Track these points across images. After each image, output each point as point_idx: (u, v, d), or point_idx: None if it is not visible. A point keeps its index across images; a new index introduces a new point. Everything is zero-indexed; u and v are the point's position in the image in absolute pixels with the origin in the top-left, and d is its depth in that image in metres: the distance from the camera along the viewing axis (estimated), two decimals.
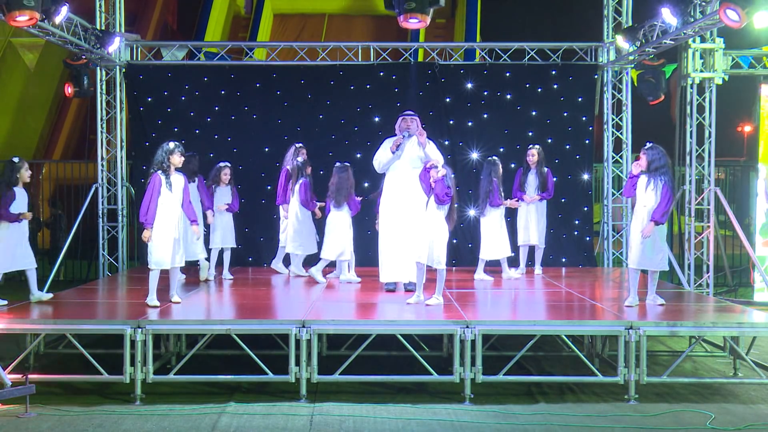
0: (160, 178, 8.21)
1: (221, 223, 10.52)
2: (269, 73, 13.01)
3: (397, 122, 9.47)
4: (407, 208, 9.13)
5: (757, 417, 6.95)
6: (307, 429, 6.53)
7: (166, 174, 8.24)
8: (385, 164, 9.36)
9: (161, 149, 8.32)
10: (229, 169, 10.64)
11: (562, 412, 7.02)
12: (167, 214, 8.22)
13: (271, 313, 8.17)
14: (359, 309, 8.69)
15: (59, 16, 10.00)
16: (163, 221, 8.20)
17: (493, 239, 10.56)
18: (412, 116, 9.40)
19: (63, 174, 17.89)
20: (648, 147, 8.27)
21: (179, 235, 8.33)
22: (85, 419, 6.76)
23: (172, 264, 8.33)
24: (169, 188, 8.23)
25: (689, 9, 9.86)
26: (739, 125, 28.07)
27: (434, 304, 8.40)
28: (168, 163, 8.26)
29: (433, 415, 6.89)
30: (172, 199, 8.26)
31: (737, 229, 12.04)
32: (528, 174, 11.13)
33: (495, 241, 10.56)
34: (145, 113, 12.91)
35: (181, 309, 8.37)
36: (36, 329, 7.63)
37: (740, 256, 14.69)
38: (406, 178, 9.23)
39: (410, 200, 9.12)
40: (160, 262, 8.25)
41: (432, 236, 8.38)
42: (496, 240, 10.57)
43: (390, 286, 9.45)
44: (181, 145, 8.43)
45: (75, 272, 14.66)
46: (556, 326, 7.65)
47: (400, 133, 9.33)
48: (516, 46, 13.08)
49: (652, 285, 8.37)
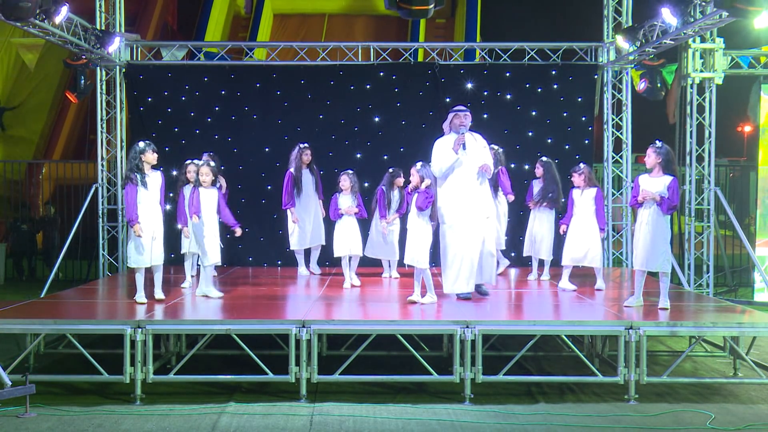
0: (136, 178, 8.38)
1: None
2: (269, 73, 13.01)
3: (447, 119, 8.97)
4: (480, 209, 8.76)
5: (757, 417, 6.94)
6: (307, 429, 6.53)
7: (141, 173, 8.40)
8: (448, 167, 8.72)
9: (132, 150, 8.51)
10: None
11: (562, 412, 7.02)
12: (143, 213, 8.40)
13: (271, 313, 8.16)
14: (359, 309, 8.69)
15: (59, 16, 10.01)
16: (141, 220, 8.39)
17: (570, 242, 9.85)
18: (465, 112, 8.88)
19: (63, 174, 17.92)
20: (659, 146, 8.29)
21: (157, 233, 8.52)
22: (85, 419, 6.76)
23: (150, 263, 8.49)
24: (144, 187, 8.40)
25: (689, 9, 9.86)
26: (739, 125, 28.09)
27: (428, 302, 8.48)
28: (141, 162, 8.41)
29: (433, 415, 6.89)
30: (148, 197, 8.43)
31: (737, 229, 12.04)
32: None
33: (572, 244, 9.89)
34: (145, 113, 12.91)
35: (181, 309, 8.38)
36: (36, 329, 7.62)
37: (740, 256, 14.70)
38: (471, 177, 8.75)
39: (481, 201, 8.78)
40: (137, 261, 8.44)
41: (414, 238, 8.49)
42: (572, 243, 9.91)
43: (466, 294, 8.82)
44: (152, 143, 8.57)
45: (75, 272, 14.65)
46: (556, 326, 7.65)
47: (451, 131, 8.85)
48: (516, 46, 13.08)
49: (665, 288, 8.29)
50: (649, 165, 8.27)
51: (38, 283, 13.67)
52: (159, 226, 8.57)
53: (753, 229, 14.00)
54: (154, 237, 8.49)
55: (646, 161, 8.29)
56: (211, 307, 8.70)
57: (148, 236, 8.43)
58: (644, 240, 8.23)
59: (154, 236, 8.49)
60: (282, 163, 11.46)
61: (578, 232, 9.69)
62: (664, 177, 8.21)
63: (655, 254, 8.17)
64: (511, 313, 8.70)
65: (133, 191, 8.36)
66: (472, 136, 8.86)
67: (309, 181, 10.89)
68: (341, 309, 8.60)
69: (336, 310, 8.46)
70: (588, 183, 9.72)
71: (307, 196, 10.89)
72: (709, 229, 12.66)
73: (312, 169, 10.97)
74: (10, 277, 16.38)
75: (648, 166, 8.28)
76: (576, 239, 9.70)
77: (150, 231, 8.44)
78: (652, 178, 8.24)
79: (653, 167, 8.23)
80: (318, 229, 11.06)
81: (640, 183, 8.31)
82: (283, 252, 12.00)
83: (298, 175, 10.76)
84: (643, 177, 8.32)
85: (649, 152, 8.28)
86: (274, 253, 12.47)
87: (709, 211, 12.66)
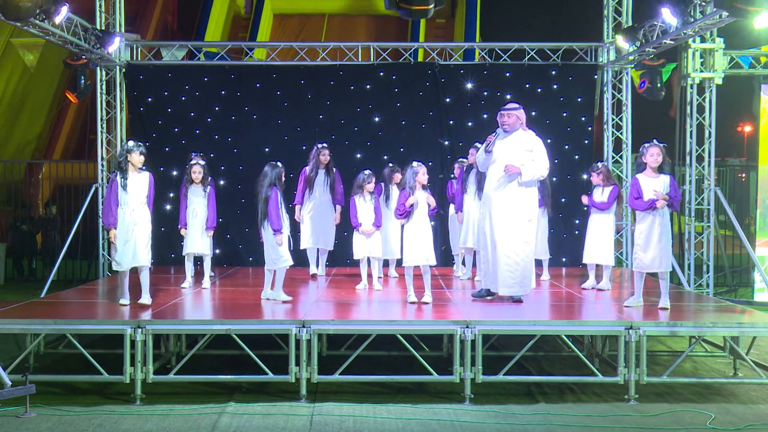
0: (117, 179, 8.22)
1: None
2: (269, 73, 13.01)
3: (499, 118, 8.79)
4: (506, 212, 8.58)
5: (757, 417, 6.94)
6: (307, 429, 6.53)
7: (123, 174, 8.23)
8: (482, 164, 8.79)
9: (121, 149, 8.36)
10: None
11: (562, 412, 7.02)
12: (121, 216, 8.21)
13: (271, 313, 8.16)
14: (359, 309, 8.69)
15: (59, 16, 10.01)
16: (119, 222, 8.22)
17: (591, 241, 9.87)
18: (509, 111, 8.68)
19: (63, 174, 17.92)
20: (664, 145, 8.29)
21: (131, 234, 8.22)
22: (85, 419, 6.76)
23: (129, 265, 8.27)
24: (124, 189, 8.20)
25: (689, 9, 9.86)
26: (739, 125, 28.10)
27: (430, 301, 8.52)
28: (126, 162, 8.24)
29: (433, 415, 6.89)
30: (128, 199, 8.22)
31: (737, 229, 12.04)
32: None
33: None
34: (145, 113, 12.92)
35: (181, 309, 8.38)
36: (36, 329, 7.62)
37: (740, 256, 14.70)
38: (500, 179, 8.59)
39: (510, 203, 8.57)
40: (116, 263, 8.31)
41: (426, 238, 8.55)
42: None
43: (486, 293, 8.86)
44: (141, 145, 8.35)
45: (75, 272, 14.66)
46: (556, 326, 7.65)
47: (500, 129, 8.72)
48: (516, 46, 13.08)
49: (666, 288, 8.30)
50: (656, 164, 8.19)
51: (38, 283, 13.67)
52: (141, 228, 8.26)
53: (753, 229, 14.00)
54: (134, 240, 8.20)
55: (656, 159, 8.17)
56: (211, 307, 8.70)
57: (122, 239, 8.19)
58: (658, 241, 8.14)
59: (134, 239, 8.20)
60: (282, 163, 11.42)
61: (599, 231, 9.73)
62: (662, 176, 8.20)
63: (667, 254, 8.19)
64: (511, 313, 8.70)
65: (112, 192, 8.18)
66: (522, 136, 8.65)
67: (322, 183, 10.59)
68: (341, 309, 8.60)
69: (336, 310, 8.45)
70: (607, 181, 9.76)
71: (319, 198, 10.61)
72: (709, 229, 12.66)
73: (329, 170, 10.63)
74: (10, 277, 16.38)
75: (654, 165, 8.19)
76: (597, 238, 9.74)
77: (128, 233, 8.19)
78: (653, 178, 8.20)
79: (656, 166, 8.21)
80: (327, 234, 10.77)
81: (641, 183, 8.21)
82: None
83: (311, 175, 10.57)
84: (642, 177, 8.24)
85: (657, 151, 8.17)
86: None
87: (709, 211, 12.66)
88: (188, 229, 9.73)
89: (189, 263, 9.88)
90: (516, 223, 8.54)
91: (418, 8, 10.09)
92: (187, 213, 9.74)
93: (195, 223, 9.74)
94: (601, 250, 9.71)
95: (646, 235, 8.21)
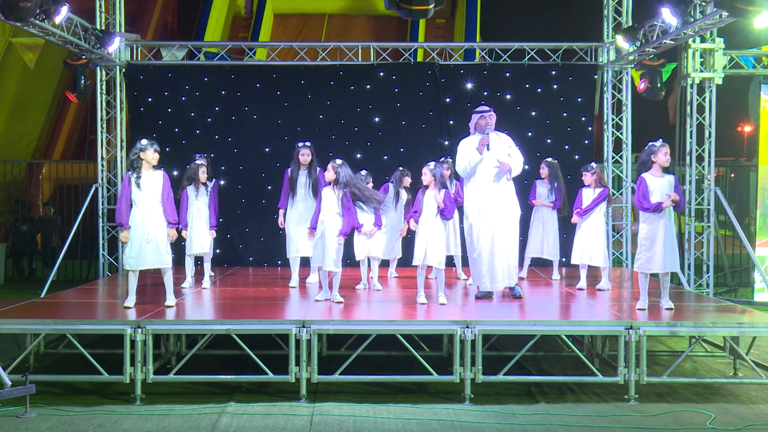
0: (130, 177, 8.16)
1: None
2: (269, 73, 13.01)
3: (472, 120, 9.06)
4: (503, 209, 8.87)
5: (757, 417, 6.94)
6: (307, 429, 6.53)
7: (137, 172, 8.15)
8: (473, 167, 8.88)
9: (134, 147, 8.25)
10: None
11: (562, 412, 7.02)
12: (136, 214, 8.12)
13: (271, 313, 8.15)
14: (359, 309, 8.68)
15: (59, 16, 10.01)
16: (132, 221, 8.11)
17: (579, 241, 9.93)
18: (489, 113, 8.97)
19: (63, 174, 17.92)
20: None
21: (150, 235, 8.09)
22: (85, 419, 6.76)
23: (143, 266, 8.16)
24: (138, 187, 8.11)
25: (689, 9, 9.86)
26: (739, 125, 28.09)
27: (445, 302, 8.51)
28: (139, 161, 8.16)
29: (433, 415, 6.89)
30: (142, 198, 8.12)
31: (737, 229, 12.04)
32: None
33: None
34: (145, 113, 12.92)
35: (181, 309, 8.38)
36: (36, 329, 7.62)
37: (740, 256, 14.69)
38: (495, 177, 8.87)
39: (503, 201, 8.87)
40: (130, 263, 8.16)
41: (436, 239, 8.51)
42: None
43: (487, 294, 8.99)
44: (155, 143, 8.28)
45: (75, 272, 14.66)
46: (556, 326, 7.65)
47: (476, 132, 8.97)
48: (516, 46, 13.08)
49: (667, 288, 8.30)
50: (667, 163, 8.15)
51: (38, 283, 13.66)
52: (156, 228, 8.13)
53: (753, 229, 14.00)
54: (148, 239, 8.08)
55: (665, 159, 8.12)
56: (211, 307, 8.70)
57: (140, 239, 8.08)
58: (665, 242, 8.10)
59: (148, 238, 8.09)
60: (282, 163, 11.43)
61: (587, 231, 9.72)
62: (667, 176, 8.17)
63: (675, 255, 8.20)
64: (511, 313, 8.69)
65: (125, 192, 8.10)
66: (497, 136, 8.95)
67: (305, 185, 9.80)
68: (341, 309, 8.59)
69: (336, 310, 8.45)
70: (598, 183, 9.76)
71: (302, 201, 9.80)
72: (709, 229, 12.65)
73: (311, 171, 9.83)
74: (10, 277, 16.38)
75: (663, 164, 8.13)
76: (585, 238, 9.74)
77: (143, 233, 8.08)
78: (659, 178, 8.13)
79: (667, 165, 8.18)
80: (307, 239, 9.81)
81: (648, 183, 8.11)
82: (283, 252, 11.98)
83: (293, 176, 9.84)
84: (648, 176, 8.14)
85: (665, 150, 8.13)
86: (274, 253, 12.46)
87: (709, 211, 12.66)
88: (194, 230, 9.73)
89: (190, 263, 9.88)
90: (513, 216, 8.91)
91: (418, 8, 10.08)
92: (191, 213, 9.74)
93: (200, 224, 9.75)
94: (589, 251, 9.72)
95: (652, 235, 8.15)
